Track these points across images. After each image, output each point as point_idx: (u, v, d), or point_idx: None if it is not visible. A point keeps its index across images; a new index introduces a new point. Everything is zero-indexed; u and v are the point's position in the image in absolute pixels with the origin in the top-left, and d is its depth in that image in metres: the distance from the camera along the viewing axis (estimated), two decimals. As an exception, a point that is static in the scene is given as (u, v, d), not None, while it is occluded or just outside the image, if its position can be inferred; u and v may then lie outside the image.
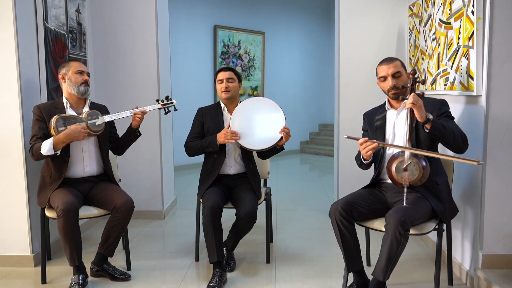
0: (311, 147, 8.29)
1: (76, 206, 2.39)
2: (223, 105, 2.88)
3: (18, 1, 2.67)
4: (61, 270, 2.80)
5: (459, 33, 2.54)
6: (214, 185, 2.75)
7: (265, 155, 2.86)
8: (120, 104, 3.69)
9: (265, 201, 2.93)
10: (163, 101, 2.84)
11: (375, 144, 2.16)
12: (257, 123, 2.71)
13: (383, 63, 2.36)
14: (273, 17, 7.63)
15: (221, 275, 2.54)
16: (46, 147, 2.39)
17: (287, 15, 7.84)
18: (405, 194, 2.12)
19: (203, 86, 6.69)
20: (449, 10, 2.68)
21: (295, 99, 8.10)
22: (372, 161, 2.43)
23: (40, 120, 2.53)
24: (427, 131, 2.08)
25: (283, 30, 7.82)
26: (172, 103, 2.87)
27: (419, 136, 2.27)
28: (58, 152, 2.45)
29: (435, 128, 2.07)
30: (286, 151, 7.86)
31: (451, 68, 2.67)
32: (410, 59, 3.56)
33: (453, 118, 2.29)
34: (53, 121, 2.44)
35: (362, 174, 2.98)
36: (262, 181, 3.15)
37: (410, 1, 3.51)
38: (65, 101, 2.63)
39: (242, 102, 2.80)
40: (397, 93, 2.31)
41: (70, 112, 2.62)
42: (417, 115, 2.06)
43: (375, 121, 2.45)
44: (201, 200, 2.69)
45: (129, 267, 2.81)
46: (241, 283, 2.61)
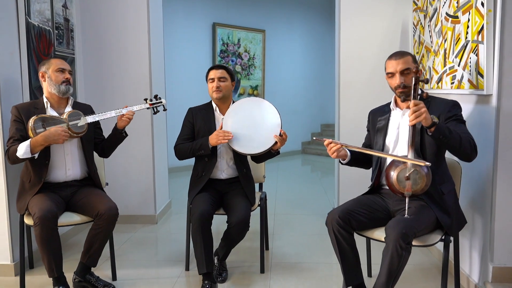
0: (313, 147, 8.10)
1: (54, 213, 2.23)
2: (214, 105, 2.71)
3: (-4, -5, 2.52)
4: (43, 280, 2.64)
5: (468, 27, 2.36)
6: (204, 190, 2.59)
7: (259, 159, 2.69)
8: (111, 103, 3.53)
9: (259, 207, 2.75)
10: (151, 100, 2.68)
11: (338, 145, 2.07)
12: (251, 125, 2.54)
13: (392, 58, 2.16)
14: (274, 14, 7.45)
15: (211, 287, 2.37)
16: (22, 150, 2.23)
17: (288, 12, 7.66)
18: (407, 204, 1.94)
19: (201, 85, 6.45)
20: (457, 3, 2.50)
21: (297, 98, 7.92)
22: (359, 161, 2.27)
23: (18, 121, 2.37)
24: (430, 134, 1.90)
25: (284, 27, 7.63)
26: (161, 102, 2.71)
27: (424, 141, 2.09)
28: (35, 155, 2.29)
29: (439, 131, 1.87)
30: (287, 152, 7.69)
31: (459, 65, 2.48)
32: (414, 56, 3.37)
33: (464, 122, 2.08)
34: (31, 122, 2.28)
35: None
36: (257, 185, 2.98)
37: (414, -5, 3.33)
38: (45, 100, 2.47)
39: (235, 102, 2.63)
40: (404, 92, 2.12)
41: (51, 112, 2.46)
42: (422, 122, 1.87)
43: (377, 122, 2.27)
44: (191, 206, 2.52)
45: (114, 277, 2.65)
46: (233, 295, 2.44)
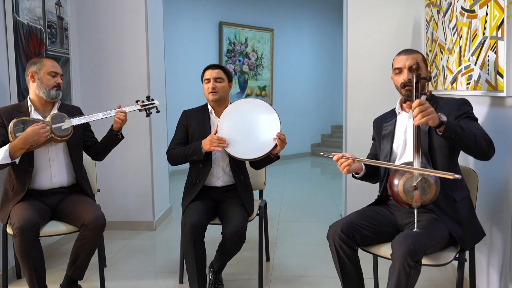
0: (323, 149, 7.88)
1: (35, 223, 2.09)
2: (210, 108, 2.54)
3: (-20, -9, 2.39)
4: (29, 291, 2.50)
5: (485, 22, 2.14)
6: (199, 198, 2.41)
7: (258, 164, 2.51)
8: (107, 104, 3.39)
9: (258, 217, 2.57)
10: (143, 101, 2.53)
11: (349, 160, 1.86)
12: (248, 128, 2.36)
13: (401, 54, 1.99)
14: (282, 13, 7.25)
15: (203, 304, 2.20)
16: (1, 155, 2.10)
17: (297, 10, 7.45)
18: (416, 216, 1.74)
19: (207, 86, 6.37)
20: (473, -5, 2.28)
21: (306, 99, 7.72)
22: (371, 174, 2.06)
23: (-1, 125, 2.24)
24: (440, 134, 1.70)
25: (293, 26, 7.43)
26: (153, 104, 2.55)
27: (433, 143, 1.88)
28: (16, 160, 2.15)
29: (450, 130, 1.67)
30: (296, 154, 7.49)
31: (475, 64, 2.27)
32: (427, 55, 3.15)
33: (476, 119, 1.88)
34: (11, 125, 2.14)
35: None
36: (257, 192, 2.80)
37: (427, -11, 3.11)
38: (29, 103, 2.33)
39: (231, 104, 2.45)
40: (411, 90, 1.91)
41: (35, 116, 2.32)
42: (428, 122, 1.67)
43: (383, 129, 2.08)
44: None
45: (103, 290, 2.49)
46: (227, 312, 2.26)
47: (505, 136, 2.02)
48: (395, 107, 2.07)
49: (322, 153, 2.02)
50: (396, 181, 1.75)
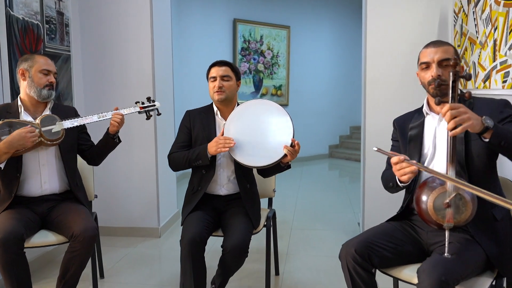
0: (341, 151, 7.59)
1: (18, 235, 1.90)
2: (216, 109, 2.31)
3: (-31, -16, 2.24)
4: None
5: (526, 10, 1.86)
6: (199, 207, 2.20)
7: (266, 173, 2.28)
8: (111, 104, 3.21)
9: (265, 228, 2.34)
10: (143, 103, 2.34)
11: (414, 167, 1.52)
12: (257, 132, 2.12)
13: (429, 46, 1.71)
14: (299, 9, 6.98)
15: (202, 326, 1.99)
16: (-17, 160, 1.93)
17: (315, 6, 7.17)
18: (447, 238, 1.48)
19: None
20: (511, -20, 2.00)
21: (324, 98, 7.44)
22: (408, 185, 1.80)
23: (-14, 127, 2.07)
24: (487, 141, 1.44)
25: (310, 23, 7.15)
26: (153, 106, 2.35)
27: (470, 151, 1.61)
28: (1, 165, 1.99)
29: (500, 136, 1.41)
30: (313, 156, 7.23)
31: (513, 58, 1.99)
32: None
33: None
34: (-4, 128, 1.97)
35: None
36: (265, 201, 2.57)
37: (456, -23, 2.82)
38: (19, 103, 2.16)
39: (240, 105, 2.23)
40: (441, 90, 1.65)
41: (24, 117, 2.15)
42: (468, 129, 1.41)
43: (409, 130, 1.81)
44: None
45: (96, 306, 2.31)
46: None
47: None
48: (422, 107, 1.81)
49: (375, 148, 1.52)
50: (424, 197, 1.49)
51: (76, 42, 3.24)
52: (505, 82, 2.08)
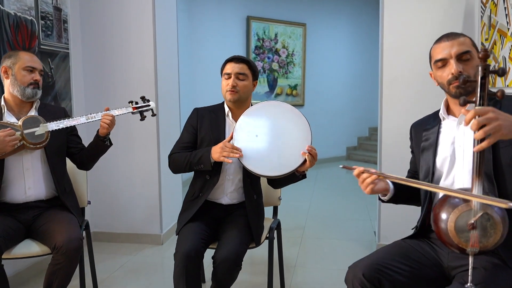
0: (359, 153, 7.30)
1: (-6, 245, 1.76)
2: (227, 109, 2.09)
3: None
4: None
5: None
6: (198, 217, 2.00)
7: (278, 183, 2.06)
8: (111, 104, 3.04)
9: (267, 240, 2.12)
10: (137, 103, 2.17)
11: (374, 176, 1.40)
12: (271, 138, 1.90)
13: (442, 40, 1.47)
14: (316, 6, 6.72)
15: None
16: (-41, 165, 1.79)
17: (332, 3, 6.90)
18: (471, 265, 1.24)
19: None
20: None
21: (341, 98, 7.16)
22: (406, 197, 1.59)
23: (-33, 129, 1.94)
24: None
25: (327, 20, 6.89)
26: (148, 106, 2.18)
27: (498, 160, 1.37)
28: (-20, 171, 1.84)
29: None
30: (329, 158, 6.96)
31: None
32: (482, 44, 2.59)
33: None
34: (-27, 131, 1.83)
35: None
36: (270, 209, 2.36)
37: (483, -36, 2.54)
38: (2, 103, 2.02)
39: (253, 106, 2.00)
40: (464, 89, 1.41)
41: (8, 118, 2.00)
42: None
43: (422, 138, 1.58)
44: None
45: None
46: None
47: None
48: (439, 110, 1.57)
49: (341, 166, 1.54)
50: (444, 215, 1.25)
51: (76, 39, 3.10)
52: (541, 79, 1.82)
